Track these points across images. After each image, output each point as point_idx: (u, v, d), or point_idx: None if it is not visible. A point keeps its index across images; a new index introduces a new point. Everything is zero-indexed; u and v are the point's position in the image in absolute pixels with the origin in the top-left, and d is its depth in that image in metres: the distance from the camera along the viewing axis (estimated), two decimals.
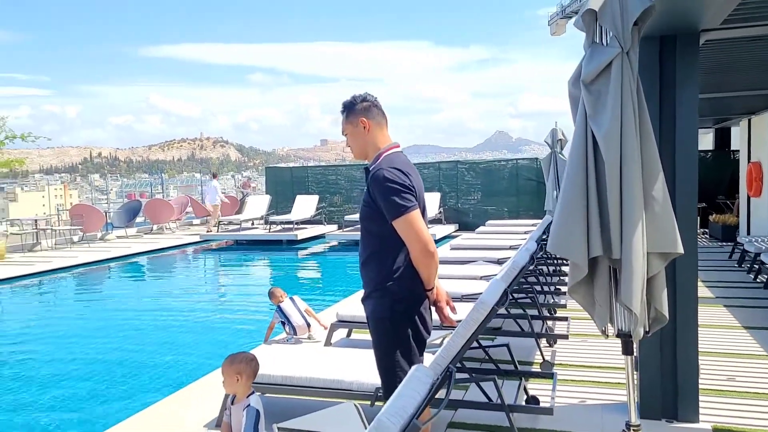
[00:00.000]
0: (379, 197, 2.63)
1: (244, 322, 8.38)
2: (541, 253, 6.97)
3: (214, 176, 20.01)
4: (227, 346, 7.01)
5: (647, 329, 2.76)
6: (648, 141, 2.60)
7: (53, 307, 10.37)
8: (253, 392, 2.87)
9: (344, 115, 2.85)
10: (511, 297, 4.02)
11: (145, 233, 17.78)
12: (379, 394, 3.45)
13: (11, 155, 14.68)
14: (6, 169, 14.55)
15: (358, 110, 2.82)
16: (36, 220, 15.55)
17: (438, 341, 4.49)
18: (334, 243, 15.55)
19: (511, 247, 9.01)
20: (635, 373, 2.90)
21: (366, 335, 5.62)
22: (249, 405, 2.78)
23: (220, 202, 17.78)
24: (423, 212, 2.72)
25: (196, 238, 16.35)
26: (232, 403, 2.85)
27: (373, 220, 2.70)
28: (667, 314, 2.75)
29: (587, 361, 4.95)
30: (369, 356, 3.96)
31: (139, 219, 18.66)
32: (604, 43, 2.64)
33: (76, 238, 15.71)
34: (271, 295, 6.07)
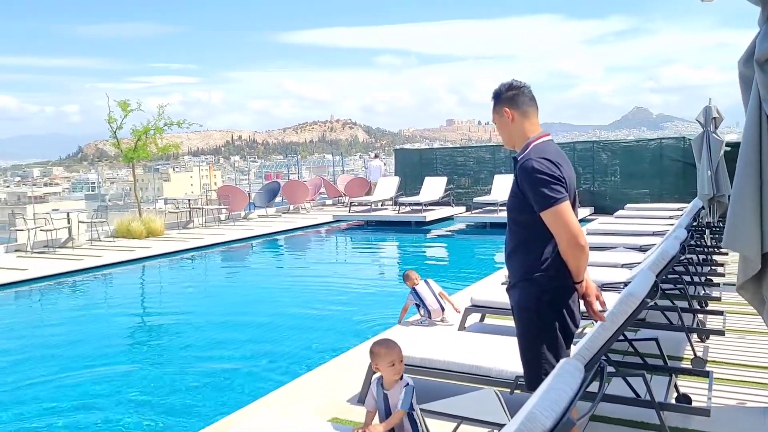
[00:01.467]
0: (528, 188, 2.59)
1: (377, 302, 8.64)
2: (692, 241, 6.50)
3: (376, 156, 20.84)
4: (363, 325, 7.27)
5: None
6: None
7: (205, 280, 11.35)
8: (402, 375, 2.98)
9: (492, 104, 2.83)
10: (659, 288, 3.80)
11: (283, 213, 18.83)
12: (519, 383, 3.42)
13: (167, 140, 16.09)
14: (163, 152, 16.01)
15: (503, 100, 2.79)
16: (190, 200, 17.02)
17: (578, 331, 4.36)
18: (463, 225, 15.52)
19: (654, 233, 8.47)
20: None
21: (500, 321, 5.60)
22: (408, 384, 2.91)
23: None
24: (574, 203, 2.65)
25: (330, 218, 17.05)
26: (382, 386, 2.97)
27: (520, 210, 2.67)
28: None
29: (745, 360, 4.57)
30: (507, 343, 3.94)
31: (277, 199, 19.80)
32: None
33: (222, 217, 17.01)
34: (406, 277, 6.19)
